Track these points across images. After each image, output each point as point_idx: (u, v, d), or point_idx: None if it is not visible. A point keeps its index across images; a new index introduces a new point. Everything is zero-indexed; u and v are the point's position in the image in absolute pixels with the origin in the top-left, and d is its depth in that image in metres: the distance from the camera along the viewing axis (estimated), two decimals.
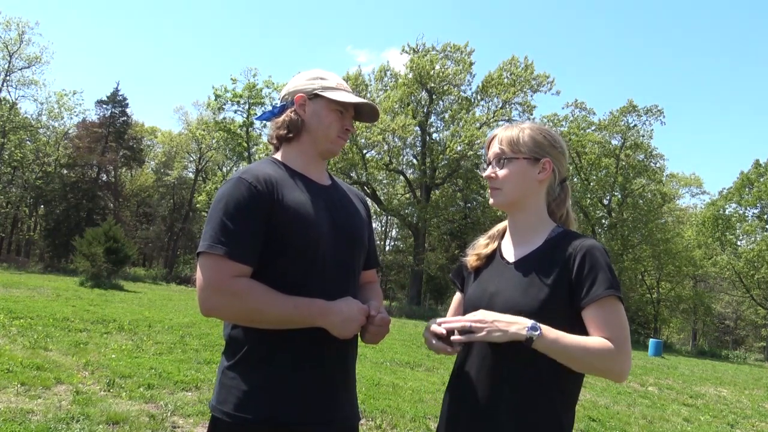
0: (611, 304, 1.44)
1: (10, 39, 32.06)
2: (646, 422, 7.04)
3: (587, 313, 1.44)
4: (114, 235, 20.62)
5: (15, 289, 13.77)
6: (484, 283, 1.61)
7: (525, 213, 1.61)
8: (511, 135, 1.60)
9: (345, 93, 1.70)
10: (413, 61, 30.76)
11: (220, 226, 1.52)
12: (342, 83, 1.74)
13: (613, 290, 1.43)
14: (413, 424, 5.34)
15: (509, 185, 1.58)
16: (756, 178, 34.50)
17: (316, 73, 1.73)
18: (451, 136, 30.59)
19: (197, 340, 8.55)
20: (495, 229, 1.73)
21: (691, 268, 35.61)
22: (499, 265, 1.62)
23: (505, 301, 1.51)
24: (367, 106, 1.75)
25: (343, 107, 1.70)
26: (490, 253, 1.66)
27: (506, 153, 1.58)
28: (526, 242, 1.60)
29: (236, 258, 1.50)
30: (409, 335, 14.28)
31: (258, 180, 1.56)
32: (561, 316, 1.46)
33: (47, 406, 4.39)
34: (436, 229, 35.17)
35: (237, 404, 1.53)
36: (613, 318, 1.43)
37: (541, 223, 1.60)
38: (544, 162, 1.58)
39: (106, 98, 37.70)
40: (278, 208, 1.55)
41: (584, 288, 1.45)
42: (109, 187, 38.33)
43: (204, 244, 1.51)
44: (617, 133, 33.89)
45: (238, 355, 1.57)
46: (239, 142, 36.58)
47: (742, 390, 12.36)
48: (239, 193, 1.54)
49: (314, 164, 1.72)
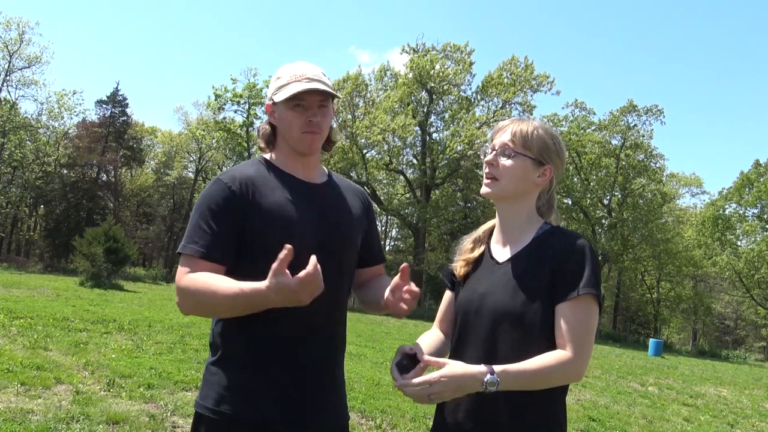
0: (586, 302, 1.45)
1: (10, 39, 32.03)
2: (646, 422, 7.04)
3: (562, 307, 1.45)
4: (114, 235, 20.62)
5: (15, 289, 13.76)
6: (473, 284, 1.61)
7: (515, 210, 1.59)
8: (525, 130, 1.56)
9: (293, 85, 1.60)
10: (413, 60, 30.74)
11: (194, 226, 1.55)
12: (297, 73, 1.62)
13: (591, 288, 1.43)
14: (413, 424, 5.34)
15: (508, 179, 1.55)
16: (756, 178, 34.48)
17: (276, 74, 1.67)
18: (451, 136, 30.58)
19: (197, 340, 8.54)
20: (480, 231, 1.71)
21: (691, 268, 35.60)
22: (488, 266, 1.61)
23: (495, 303, 1.51)
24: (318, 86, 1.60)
25: (299, 99, 1.60)
26: (477, 257, 1.65)
27: (516, 146, 1.55)
28: (514, 240, 1.59)
29: (206, 257, 1.51)
30: (409, 335, 14.28)
31: (234, 181, 1.58)
32: (546, 316, 1.47)
33: (47, 406, 4.39)
34: (436, 229, 35.15)
35: (218, 400, 1.54)
36: (583, 318, 1.44)
37: (529, 222, 1.60)
38: (546, 168, 1.57)
39: (106, 98, 37.69)
40: (254, 209, 1.56)
41: (562, 285, 1.46)
42: (109, 187, 38.32)
43: (180, 244, 1.56)
44: (617, 133, 33.89)
45: (221, 352, 1.58)
46: (239, 142, 36.56)
47: (742, 390, 12.36)
48: (215, 193, 1.57)
49: (301, 163, 1.69)
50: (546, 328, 1.47)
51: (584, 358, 1.43)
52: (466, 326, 1.57)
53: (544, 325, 1.46)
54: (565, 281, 1.45)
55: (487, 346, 1.49)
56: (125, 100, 38.16)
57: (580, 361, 1.42)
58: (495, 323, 1.50)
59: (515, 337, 1.47)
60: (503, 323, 1.49)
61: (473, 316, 1.55)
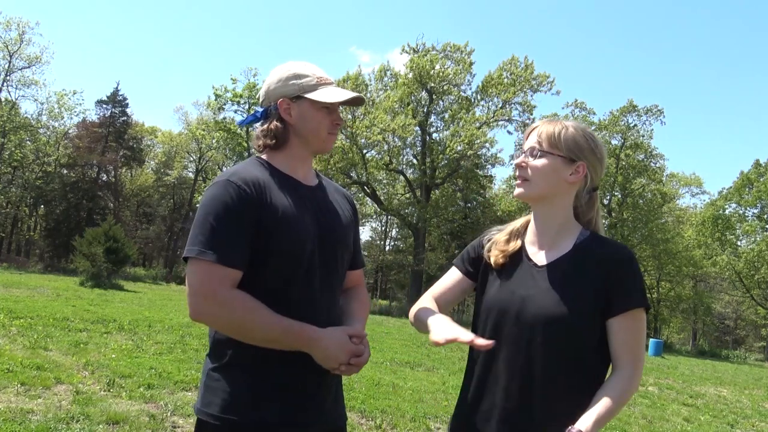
0: (639, 316, 1.45)
1: (10, 39, 32.07)
2: (646, 422, 7.04)
3: (615, 322, 1.44)
4: (114, 235, 20.63)
5: (15, 289, 13.77)
6: (512, 285, 1.54)
7: (551, 211, 1.55)
8: (551, 130, 1.53)
9: (329, 90, 1.64)
10: (413, 60, 30.73)
11: (209, 230, 1.49)
12: (322, 76, 1.66)
13: (645, 301, 1.45)
14: (413, 424, 5.34)
15: (538, 178, 1.52)
16: (756, 178, 34.47)
17: (291, 71, 1.65)
18: (451, 136, 30.56)
19: (197, 340, 8.54)
20: (513, 226, 1.65)
21: (691, 268, 35.58)
22: (527, 267, 1.56)
23: (538, 308, 1.47)
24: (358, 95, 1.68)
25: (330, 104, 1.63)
26: (513, 252, 1.59)
27: (543, 146, 1.52)
28: (553, 245, 1.55)
29: (227, 263, 1.47)
30: (408, 335, 14.28)
31: (246, 183, 1.54)
32: (591, 326, 1.45)
33: (47, 406, 4.39)
34: (436, 229, 35.14)
35: (223, 406, 1.52)
36: (637, 332, 1.45)
37: (568, 225, 1.56)
38: (579, 165, 1.52)
39: (106, 98, 37.70)
40: (267, 211, 1.53)
41: (618, 298, 1.44)
42: (109, 187, 38.32)
43: (194, 249, 1.48)
44: (617, 133, 33.86)
45: (224, 358, 1.56)
46: (239, 142, 36.57)
47: (742, 390, 12.36)
48: (228, 196, 1.51)
49: (301, 165, 1.69)
50: (593, 338, 1.45)
51: (640, 370, 1.45)
52: (500, 328, 1.51)
53: (593, 335, 1.45)
54: (621, 294, 1.44)
55: (530, 353, 1.46)
56: (125, 100, 38.22)
57: (639, 374, 1.45)
58: (539, 330, 1.45)
59: (562, 346, 1.44)
60: (549, 331, 1.45)
61: (511, 320, 1.50)
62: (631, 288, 1.44)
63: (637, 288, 1.45)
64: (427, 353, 10.85)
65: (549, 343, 1.44)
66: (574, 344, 1.44)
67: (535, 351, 1.45)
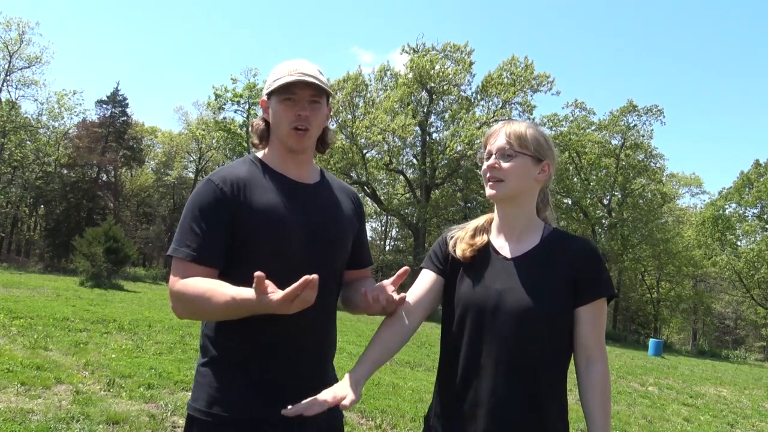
0: (604, 304, 1.54)
1: (10, 39, 32.02)
2: (646, 422, 7.04)
3: (583, 310, 1.52)
4: (114, 235, 20.61)
5: (15, 289, 13.76)
6: (486, 280, 1.56)
7: (520, 209, 1.60)
8: (519, 130, 1.58)
9: (285, 78, 1.57)
10: (413, 60, 30.72)
11: (185, 228, 1.53)
12: (292, 68, 1.60)
13: (611, 290, 1.53)
14: (413, 424, 5.34)
15: (513, 178, 1.56)
16: (756, 178, 34.47)
17: (273, 70, 1.64)
18: (451, 136, 30.57)
19: (197, 340, 8.51)
20: (476, 223, 1.69)
21: (691, 268, 35.62)
22: (497, 261, 1.58)
23: (516, 301, 1.50)
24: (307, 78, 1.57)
25: (289, 92, 1.58)
26: (481, 246, 1.63)
27: (514, 147, 1.56)
28: (520, 239, 1.60)
29: (199, 261, 1.50)
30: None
31: (225, 181, 1.56)
32: (567, 315, 1.52)
33: (47, 406, 4.39)
34: (436, 229, 35.10)
35: (210, 401, 1.53)
36: (603, 319, 1.55)
37: (533, 221, 1.62)
38: (545, 164, 1.59)
39: (106, 98, 37.64)
40: (244, 210, 1.54)
41: (587, 287, 1.52)
42: (109, 187, 38.30)
43: (171, 247, 1.53)
44: (617, 133, 33.87)
45: (211, 353, 1.57)
46: (239, 142, 36.53)
47: (742, 390, 12.36)
48: (205, 194, 1.55)
49: (293, 162, 1.67)
50: (568, 328, 1.53)
51: (606, 354, 1.56)
52: (480, 324, 1.53)
53: (568, 325, 1.53)
54: (588, 284, 1.51)
55: (513, 345, 1.49)
56: (125, 100, 38.15)
57: (607, 360, 1.55)
58: (521, 323, 1.48)
59: (545, 338, 1.49)
60: (531, 323, 1.48)
61: (490, 314, 1.52)
62: (598, 278, 1.53)
63: (603, 278, 1.54)
64: (427, 353, 10.85)
65: (530, 335, 1.48)
66: (553, 334, 1.50)
67: (518, 343, 1.48)
